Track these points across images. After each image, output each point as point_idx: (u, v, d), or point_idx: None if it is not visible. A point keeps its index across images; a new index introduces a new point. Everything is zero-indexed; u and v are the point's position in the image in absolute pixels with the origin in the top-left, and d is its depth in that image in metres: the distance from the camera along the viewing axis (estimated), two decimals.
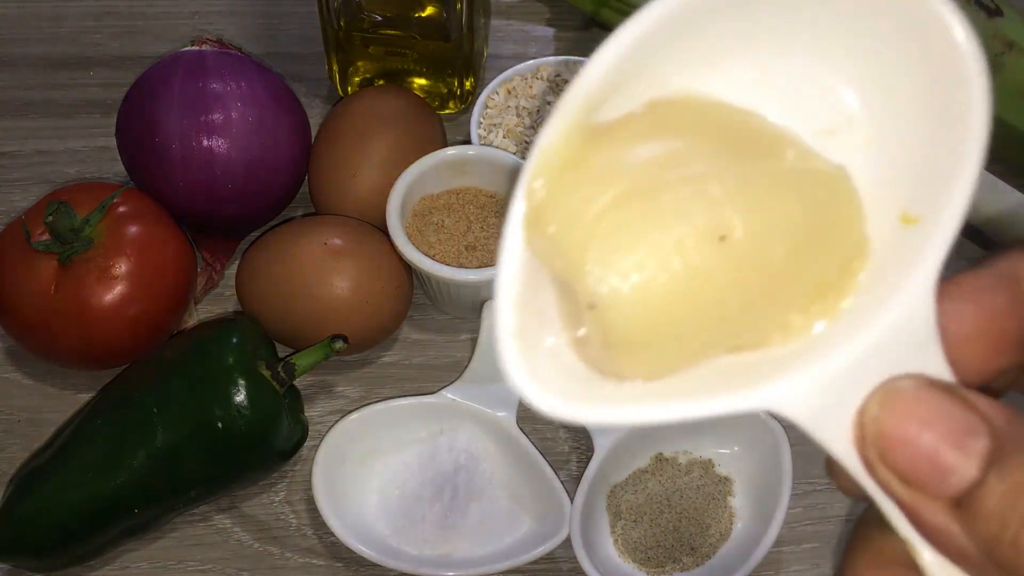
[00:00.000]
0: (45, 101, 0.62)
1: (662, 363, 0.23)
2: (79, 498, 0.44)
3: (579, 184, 0.22)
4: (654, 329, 0.22)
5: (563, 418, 0.22)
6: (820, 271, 0.23)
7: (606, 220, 0.22)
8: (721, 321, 0.22)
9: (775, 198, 0.22)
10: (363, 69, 0.59)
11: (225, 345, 0.47)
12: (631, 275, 0.22)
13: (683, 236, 0.22)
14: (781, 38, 0.23)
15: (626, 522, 0.48)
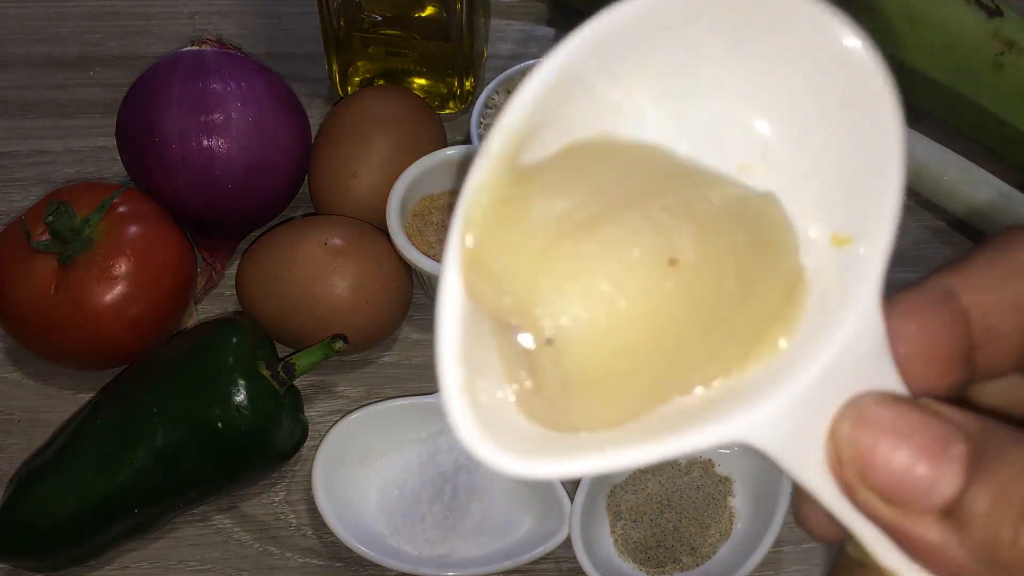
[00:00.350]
0: (45, 101, 0.62)
1: (619, 406, 0.22)
2: (79, 498, 0.44)
3: (516, 219, 0.22)
4: (614, 361, 0.21)
5: (520, 475, 0.21)
6: (766, 298, 0.22)
7: (553, 251, 0.21)
8: (679, 351, 0.22)
9: (718, 223, 0.22)
10: (363, 69, 0.59)
11: (225, 345, 0.47)
12: (588, 303, 0.21)
13: (635, 261, 0.21)
14: (684, 75, 0.23)
15: (626, 522, 0.48)
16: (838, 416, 0.21)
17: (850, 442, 0.21)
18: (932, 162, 0.57)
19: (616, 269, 0.21)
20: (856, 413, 0.21)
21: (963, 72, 0.57)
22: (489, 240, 0.22)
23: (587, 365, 0.21)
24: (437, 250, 0.51)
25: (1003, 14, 0.57)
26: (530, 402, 0.22)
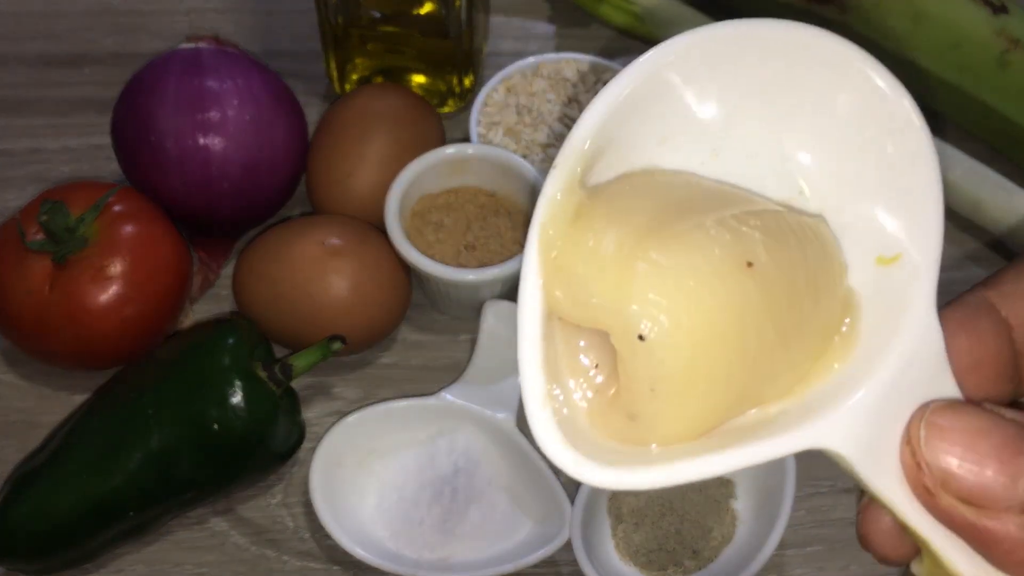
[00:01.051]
0: (40, 99, 0.62)
1: (699, 415, 0.23)
2: (74, 500, 0.44)
3: (594, 227, 0.22)
4: (700, 365, 0.22)
5: (605, 485, 0.22)
6: (830, 312, 0.24)
7: (638, 252, 0.22)
8: (758, 359, 0.23)
9: (782, 235, 0.23)
10: (361, 66, 0.59)
11: (221, 346, 0.46)
12: (676, 301, 0.22)
13: (718, 260, 0.22)
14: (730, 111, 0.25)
15: (627, 525, 0.47)
16: (911, 423, 0.22)
17: (928, 448, 0.22)
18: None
19: (701, 267, 0.22)
20: (927, 421, 0.22)
21: (968, 70, 0.57)
22: (570, 247, 0.22)
23: (675, 366, 0.22)
24: (436, 250, 0.51)
25: (1008, 11, 0.56)
26: (604, 412, 0.23)
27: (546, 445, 0.22)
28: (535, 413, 0.22)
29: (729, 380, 0.23)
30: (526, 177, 0.52)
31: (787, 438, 0.23)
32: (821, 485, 0.50)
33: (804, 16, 0.60)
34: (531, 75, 0.58)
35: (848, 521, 0.49)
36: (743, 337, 0.22)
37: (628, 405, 0.23)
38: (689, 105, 0.24)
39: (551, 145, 0.56)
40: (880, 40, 0.58)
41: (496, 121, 0.56)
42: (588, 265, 0.22)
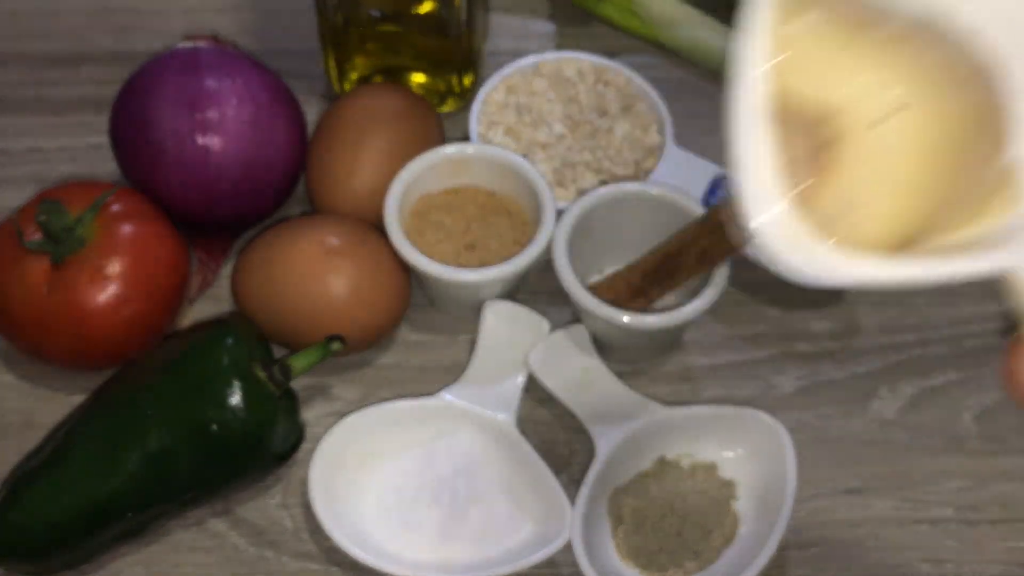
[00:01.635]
0: (37, 98, 0.62)
1: (893, 225, 0.23)
2: (72, 501, 0.44)
3: (808, 33, 0.23)
4: (908, 158, 0.23)
5: (839, 278, 0.22)
6: (987, 170, 0.24)
7: (852, 49, 0.23)
8: (943, 178, 0.23)
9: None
10: (361, 66, 0.59)
11: (220, 346, 0.46)
12: (882, 101, 0.22)
13: (927, 66, 0.23)
14: None
15: (628, 526, 0.47)
16: None
17: None
18: None
19: (910, 72, 0.23)
20: None
21: None
22: (785, 45, 0.23)
23: (896, 158, 0.23)
24: (436, 250, 0.51)
25: None
26: (810, 202, 0.23)
27: (765, 233, 0.22)
28: (754, 199, 0.22)
29: (924, 191, 0.24)
30: (526, 177, 0.52)
31: (990, 255, 0.23)
32: (822, 486, 0.50)
33: None
34: (531, 74, 0.58)
35: (849, 522, 0.49)
36: (933, 151, 0.23)
37: (842, 194, 0.23)
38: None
39: (551, 145, 0.56)
40: None
41: (496, 120, 0.56)
42: (805, 57, 0.23)
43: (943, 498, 0.49)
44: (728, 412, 0.49)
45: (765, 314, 0.55)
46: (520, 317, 0.51)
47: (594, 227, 0.52)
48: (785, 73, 0.23)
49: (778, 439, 0.47)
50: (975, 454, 0.50)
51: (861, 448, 0.51)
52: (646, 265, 0.50)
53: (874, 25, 0.23)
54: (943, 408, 0.52)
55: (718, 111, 0.69)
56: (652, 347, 0.52)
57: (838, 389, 0.52)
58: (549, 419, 0.51)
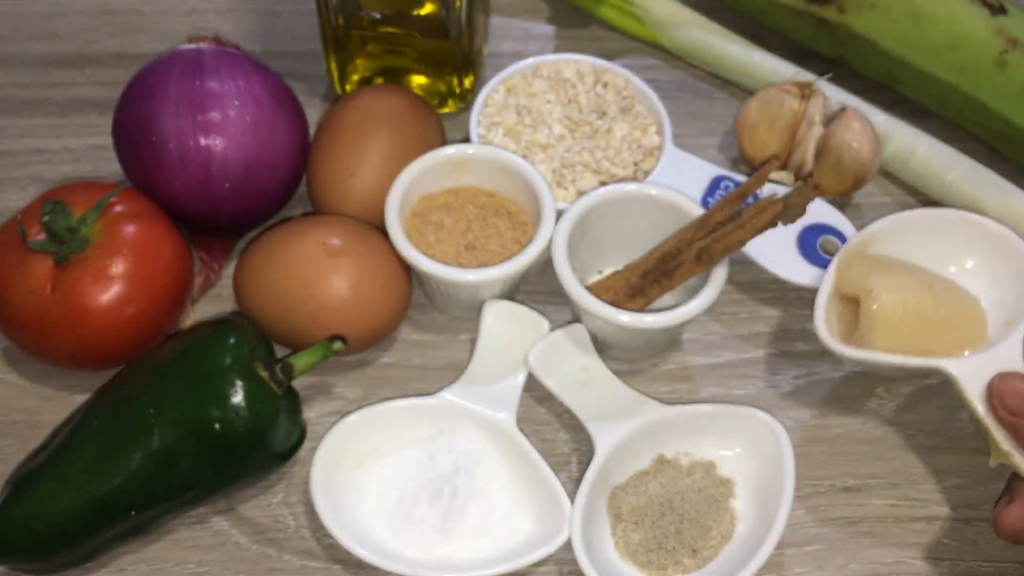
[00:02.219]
0: (41, 99, 0.62)
1: (890, 346, 0.47)
2: (75, 500, 0.44)
3: (863, 265, 0.50)
4: (899, 324, 0.47)
5: (845, 355, 0.48)
6: (970, 332, 0.49)
7: (882, 271, 0.49)
8: (928, 333, 0.48)
9: (956, 288, 0.50)
10: (362, 67, 0.59)
11: (222, 345, 0.46)
12: (895, 293, 0.48)
13: (917, 281, 0.49)
14: (930, 251, 0.52)
15: (627, 524, 0.47)
16: (995, 376, 0.45)
17: (998, 385, 0.45)
18: (937, 161, 0.57)
19: (907, 280, 0.49)
20: (999, 376, 0.45)
21: (967, 70, 0.57)
22: (851, 268, 0.50)
23: (886, 324, 0.47)
24: (436, 250, 0.51)
25: (1007, 12, 0.56)
26: (849, 335, 0.49)
27: (825, 339, 0.48)
28: (821, 327, 0.48)
29: (911, 334, 0.47)
30: (526, 177, 0.52)
31: (933, 360, 0.47)
32: (820, 485, 0.50)
33: (803, 16, 0.61)
34: (531, 76, 0.58)
35: (847, 520, 0.49)
36: (921, 318, 0.47)
37: (861, 331, 0.48)
38: (931, 241, 0.51)
39: (550, 146, 0.56)
40: (879, 41, 0.58)
41: (496, 122, 0.57)
42: (852, 270, 0.50)
43: (940, 496, 0.49)
44: (726, 411, 0.49)
45: (763, 314, 0.55)
46: (520, 317, 0.51)
47: (593, 227, 0.52)
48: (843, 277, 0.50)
49: (776, 438, 0.48)
50: (971, 452, 0.50)
51: (858, 446, 0.51)
52: (645, 265, 0.50)
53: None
54: (939, 407, 0.52)
55: (716, 112, 0.70)
56: (651, 346, 0.53)
57: (835, 388, 0.52)
58: (549, 418, 0.51)
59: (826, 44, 0.61)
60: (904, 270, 0.49)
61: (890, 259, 0.50)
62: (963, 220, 0.51)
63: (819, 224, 0.54)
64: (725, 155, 0.60)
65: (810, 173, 0.55)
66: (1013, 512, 0.44)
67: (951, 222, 0.52)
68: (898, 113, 0.59)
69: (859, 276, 0.48)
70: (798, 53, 0.62)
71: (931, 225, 0.52)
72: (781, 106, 0.55)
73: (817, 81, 0.55)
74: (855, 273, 0.49)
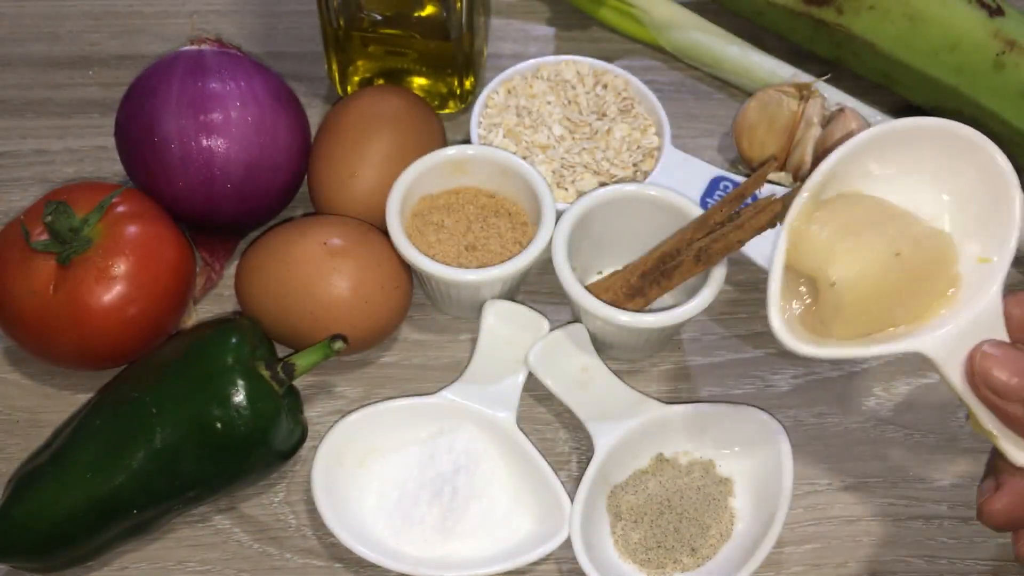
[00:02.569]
0: (44, 100, 0.62)
1: (859, 328, 0.41)
2: (78, 499, 0.44)
3: (819, 221, 0.41)
4: (861, 301, 0.41)
5: (804, 354, 0.40)
6: (940, 284, 0.42)
7: (838, 240, 0.41)
8: (895, 302, 0.41)
9: (923, 239, 0.42)
10: (363, 68, 0.59)
11: (224, 345, 0.47)
12: (855, 264, 0.40)
13: (880, 249, 0.41)
14: (905, 170, 0.43)
15: (626, 523, 0.48)
16: (974, 349, 0.40)
17: (979, 361, 0.39)
18: None
19: (872, 250, 0.41)
20: (982, 349, 0.40)
21: (964, 71, 0.57)
22: (804, 229, 0.41)
23: (847, 300, 0.40)
24: (437, 250, 0.51)
25: (1004, 13, 0.57)
26: (808, 319, 0.42)
27: (777, 330, 0.40)
28: (773, 313, 0.41)
29: (877, 310, 0.41)
30: (526, 178, 0.52)
31: (906, 342, 0.40)
32: (818, 484, 0.50)
33: (802, 18, 0.61)
34: (531, 77, 0.59)
35: (845, 519, 0.49)
36: (887, 289, 0.41)
37: (820, 315, 0.41)
38: (897, 167, 0.43)
39: (550, 147, 0.56)
40: (877, 42, 0.59)
41: (496, 123, 0.57)
42: (812, 241, 0.41)
43: (937, 495, 0.50)
44: (725, 410, 0.49)
45: (761, 314, 0.54)
46: (520, 316, 0.51)
47: (593, 228, 0.52)
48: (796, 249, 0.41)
49: (774, 436, 0.48)
50: (968, 452, 0.51)
51: (856, 446, 0.51)
52: (644, 265, 0.50)
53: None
54: (937, 406, 0.52)
55: (715, 113, 0.70)
56: (650, 346, 0.53)
57: (834, 387, 0.53)
58: (549, 417, 0.52)
59: (824, 45, 0.61)
60: (866, 226, 0.41)
61: (848, 206, 0.42)
62: (938, 134, 0.42)
63: None
64: (724, 156, 0.60)
65: (809, 174, 0.55)
66: (1000, 500, 0.41)
67: (922, 139, 0.42)
68: (896, 114, 0.59)
69: (815, 249, 0.41)
70: (796, 54, 0.62)
71: (897, 144, 0.42)
72: (780, 107, 0.55)
73: (815, 82, 0.56)
74: (810, 241, 0.41)
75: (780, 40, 0.64)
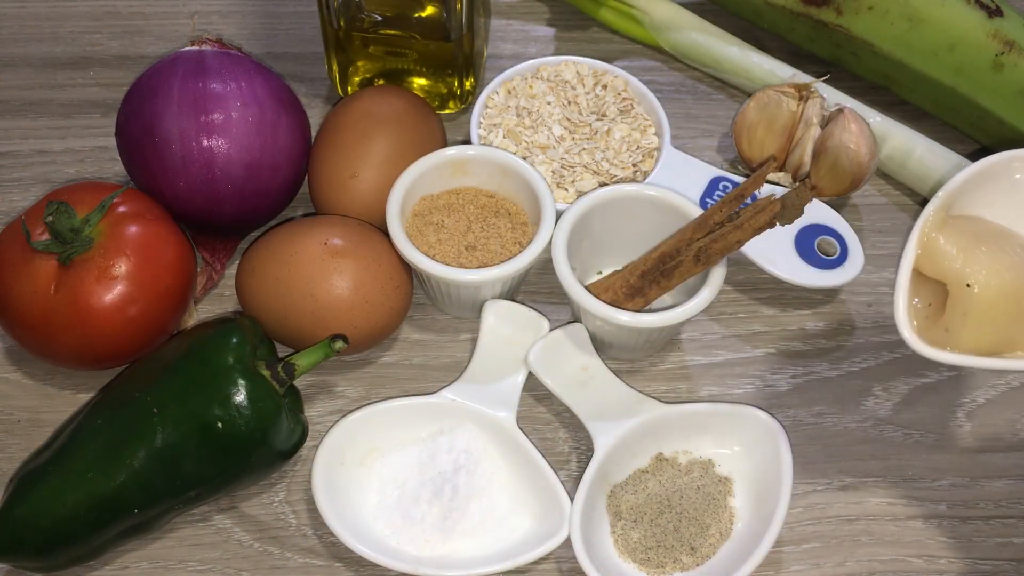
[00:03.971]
0: (45, 101, 0.62)
1: (984, 339, 0.43)
2: (79, 498, 0.44)
3: (950, 230, 0.44)
4: (992, 308, 0.42)
5: (928, 356, 0.43)
6: None
7: (973, 245, 0.43)
8: (1020, 319, 0.43)
9: None
10: (363, 69, 0.59)
11: (225, 345, 0.47)
12: (991, 270, 0.42)
13: (1013, 261, 0.43)
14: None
15: (626, 522, 0.48)
16: None
17: None
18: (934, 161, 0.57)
19: (1007, 258, 0.43)
20: None
21: (963, 72, 0.57)
22: (933, 239, 0.43)
23: (979, 305, 0.42)
24: (437, 250, 0.51)
25: (1003, 14, 0.57)
26: (929, 328, 0.43)
27: (905, 333, 0.43)
28: (901, 316, 0.43)
29: (1004, 321, 0.42)
30: (526, 178, 0.52)
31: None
32: (818, 483, 0.50)
33: (801, 18, 0.61)
34: (531, 77, 0.59)
35: (844, 519, 0.49)
36: (1015, 302, 0.42)
37: (947, 323, 0.43)
38: (1011, 189, 0.46)
39: (550, 147, 0.56)
40: (876, 43, 0.59)
41: (496, 123, 0.57)
42: (943, 247, 0.43)
43: (936, 495, 0.50)
44: (725, 409, 0.49)
45: (761, 313, 0.55)
46: (520, 316, 0.51)
47: (593, 228, 0.52)
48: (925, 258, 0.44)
49: (774, 436, 0.48)
50: (968, 451, 0.51)
51: (855, 445, 0.51)
52: (644, 265, 0.50)
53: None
54: (936, 406, 0.52)
55: (715, 113, 0.70)
56: (650, 346, 0.53)
57: (833, 387, 0.53)
58: (548, 417, 0.52)
59: (823, 46, 0.61)
60: (996, 240, 0.42)
61: (977, 224, 0.44)
62: None
63: (817, 225, 0.54)
64: (723, 156, 0.61)
65: (808, 174, 0.55)
66: None
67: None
68: (895, 115, 0.59)
69: (947, 256, 0.42)
70: (795, 55, 0.62)
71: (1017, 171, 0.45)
72: (779, 107, 0.55)
73: (815, 83, 0.56)
74: (941, 252, 0.42)
75: (779, 41, 0.64)
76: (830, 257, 0.54)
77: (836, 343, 0.54)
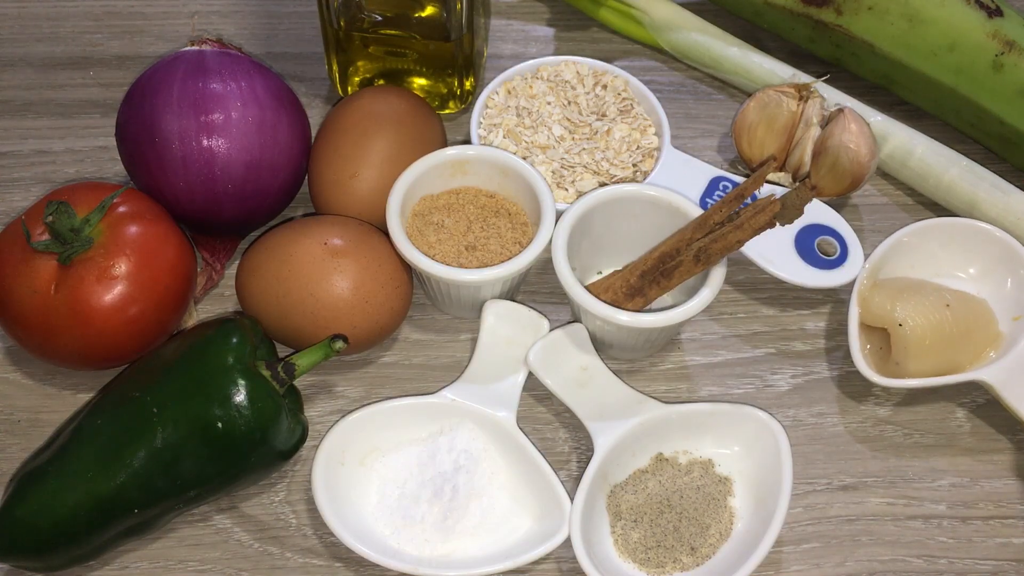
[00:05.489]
0: (45, 101, 0.62)
1: (928, 365, 0.50)
2: (79, 498, 0.44)
3: (878, 288, 0.52)
4: (925, 343, 0.50)
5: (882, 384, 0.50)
6: (987, 334, 0.52)
7: (899, 296, 0.51)
8: (952, 347, 0.51)
9: (966, 299, 0.52)
10: (363, 69, 0.59)
11: (225, 345, 0.47)
12: (916, 309, 0.50)
13: (932, 303, 0.51)
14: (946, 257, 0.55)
15: (626, 522, 0.48)
16: None
17: None
18: (935, 160, 0.57)
19: (927, 299, 0.51)
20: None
21: (963, 72, 0.57)
22: (869, 296, 0.52)
23: (914, 340, 0.50)
24: (437, 250, 0.51)
25: (1003, 14, 0.57)
26: (883, 363, 0.51)
27: (864, 371, 0.50)
28: (858, 360, 0.51)
29: (940, 349, 0.50)
30: (526, 178, 0.52)
31: (968, 374, 0.50)
32: (818, 483, 0.50)
33: (801, 18, 0.61)
34: (531, 78, 0.59)
35: (844, 519, 0.49)
36: (944, 333, 0.50)
37: (896, 358, 0.50)
38: (932, 254, 0.54)
39: (550, 147, 0.56)
40: (876, 43, 0.59)
41: (496, 123, 0.57)
42: (875, 302, 0.51)
43: (936, 495, 0.50)
44: (725, 409, 0.49)
45: (761, 313, 0.55)
46: (520, 316, 0.51)
47: (593, 228, 0.52)
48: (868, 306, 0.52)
49: (774, 436, 0.48)
50: (968, 451, 0.51)
51: (855, 445, 0.51)
52: (644, 265, 0.50)
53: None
54: (936, 406, 0.52)
55: (715, 114, 0.70)
56: (650, 346, 0.53)
57: (833, 387, 0.53)
58: (548, 417, 0.52)
59: (823, 46, 0.62)
60: (918, 291, 0.51)
61: (901, 282, 0.53)
62: (961, 227, 0.54)
63: (817, 224, 0.54)
64: (723, 156, 0.61)
65: (808, 174, 0.55)
66: None
67: (950, 231, 0.54)
68: (895, 115, 0.59)
69: (881, 307, 0.51)
70: (795, 55, 0.62)
71: (930, 236, 0.54)
72: (779, 107, 0.55)
73: (814, 83, 0.56)
74: (876, 305, 0.51)
75: (779, 41, 0.64)
76: (830, 257, 0.54)
77: (836, 343, 0.54)
